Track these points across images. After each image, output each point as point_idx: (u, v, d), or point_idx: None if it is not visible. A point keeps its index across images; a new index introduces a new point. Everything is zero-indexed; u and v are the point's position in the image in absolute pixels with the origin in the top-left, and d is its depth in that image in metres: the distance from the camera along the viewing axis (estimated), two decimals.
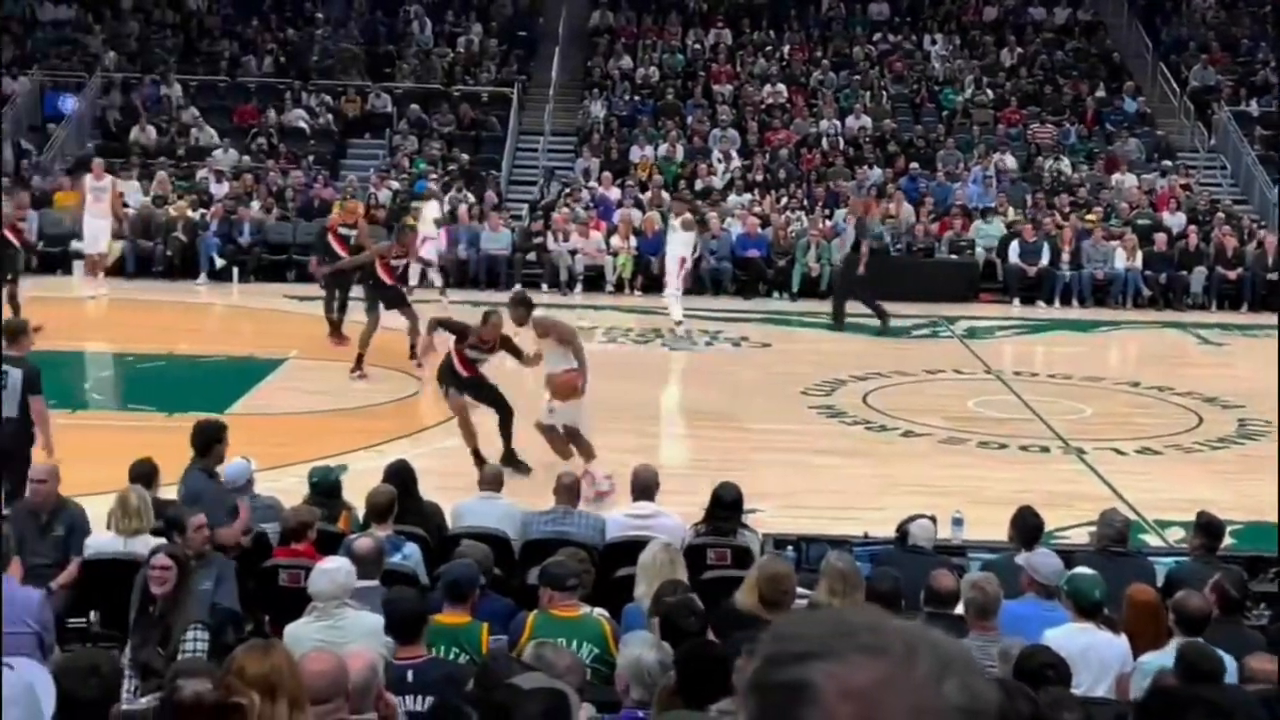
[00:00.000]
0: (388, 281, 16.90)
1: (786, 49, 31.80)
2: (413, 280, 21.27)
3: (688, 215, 20.45)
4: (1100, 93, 30.52)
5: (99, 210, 22.14)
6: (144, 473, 9.14)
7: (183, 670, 4.41)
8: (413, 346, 16.74)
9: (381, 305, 16.88)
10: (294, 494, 10.03)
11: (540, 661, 4.93)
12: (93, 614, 8.58)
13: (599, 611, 6.92)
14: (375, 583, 7.27)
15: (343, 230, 18.89)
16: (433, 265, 21.47)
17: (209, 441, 9.46)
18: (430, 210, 22.83)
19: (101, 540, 8.54)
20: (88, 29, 30.99)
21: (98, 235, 22.28)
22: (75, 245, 23.32)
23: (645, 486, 9.27)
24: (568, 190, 26.25)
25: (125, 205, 24.73)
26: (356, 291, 18.09)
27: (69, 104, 28.58)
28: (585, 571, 6.99)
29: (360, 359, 16.64)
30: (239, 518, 8.82)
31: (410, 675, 5.84)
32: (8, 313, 16.32)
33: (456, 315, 20.80)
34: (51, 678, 2.47)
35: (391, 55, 30.69)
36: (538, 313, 12.90)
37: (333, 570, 6.54)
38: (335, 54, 30.29)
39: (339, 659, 4.65)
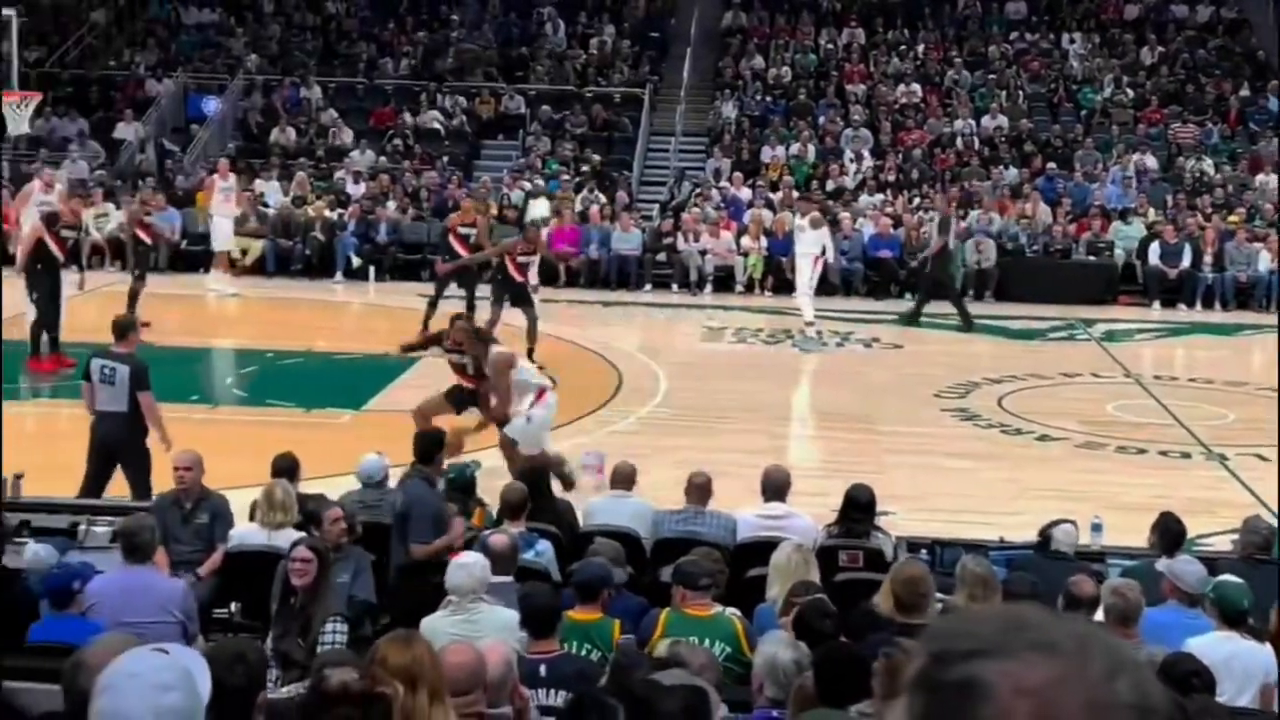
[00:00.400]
0: (517, 278, 17.02)
1: (921, 48, 31.50)
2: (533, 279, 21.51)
3: (816, 214, 20.32)
4: (1244, 92, 29.80)
5: (226, 209, 22.61)
6: (287, 467, 9.31)
7: (327, 661, 4.48)
8: (530, 350, 16.75)
9: (506, 301, 16.96)
10: None
11: (675, 658, 4.94)
12: (234, 605, 8.77)
13: (731, 611, 6.91)
14: (509, 579, 7.33)
15: (462, 230, 19.18)
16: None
17: (430, 449, 9.33)
18: (539, 209, 22.89)
19: (245, 532, 8.72)
20: (230, 32, 31.68)
21: (225, 233, 22.72)
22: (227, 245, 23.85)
23: (777, 487, 9.22)
24: (698, 190, 26.26)
25: (265, 205, 25.27)
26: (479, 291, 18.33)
27: (211, 105, 29.23)
28: (719, 571, 6.98)
29: (531, 352, 16.69)
30: (449, 533, 8.64)
31: (543, 670, 5.88)
32: (128, 309, 16.77)
33: (573, 315, 20.98)
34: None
35: (525, 57, 30.93)
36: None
37: (469, 565, 6.61)
38: (461, 55, 30.62)
39: (478, 652, 4.70)
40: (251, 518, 8.83)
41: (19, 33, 23.09)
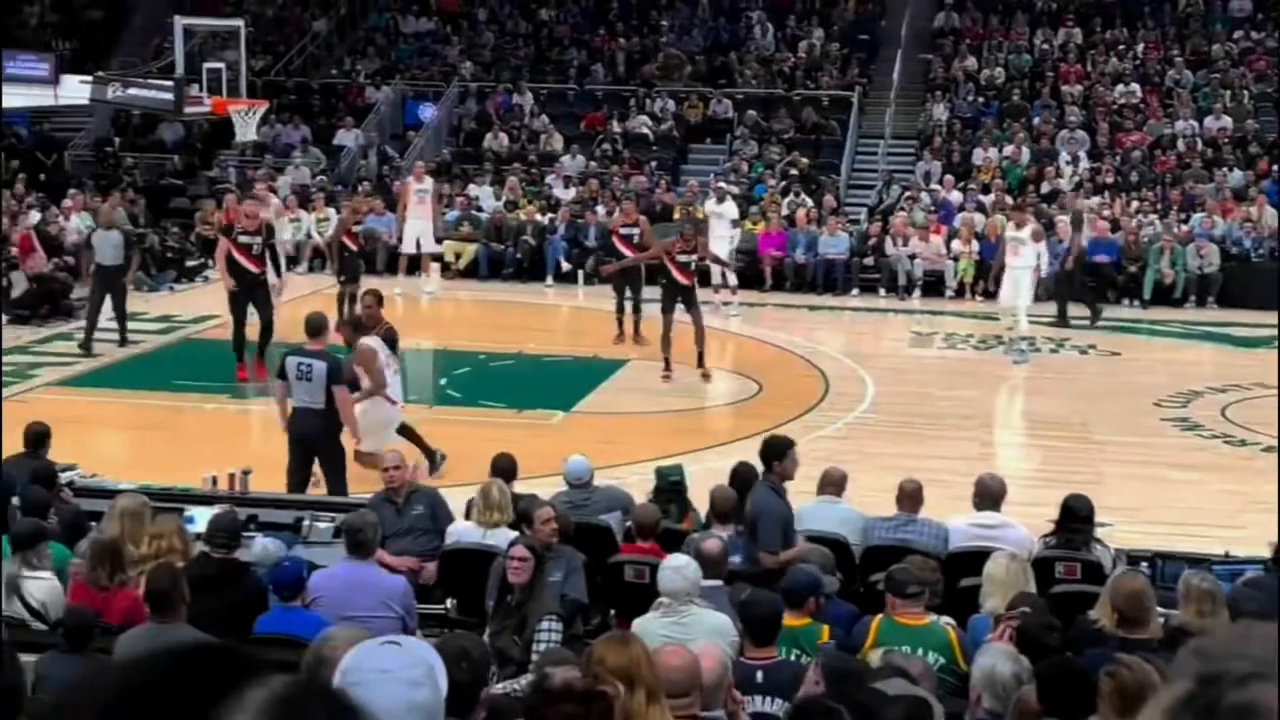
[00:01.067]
0: (681, 280, 16.79)
1: (1140, 47, 30.61)
2: (715, 279, 21.47)
3: (1038, 227, 19.74)
4: None
5: (420, 212, 23.03)
6: (506, 467, 9.47)
7: (548, 659, 4.56)
8: (700, 355, 16.66)
9: (678, 307, 16.76)
10: (635, 492, 10.23)
11: (890, 667, 4.90)
12: (450, 601, 8.95)
13: (945, 620, 6.81)
14: (719, 582, 7.34)
15: (624, 230, 19.26)
16: (728, 266, 21.42)
17: (772, 454, 9.13)
18: (729, 210, 22.78)
19: (461, 529, 8.89)
20: (446, 40, 32.38)
21: (420, 236, 23.11)
22: (429, 248, 24.35)
23: (992, 496, 9.06)
24: (908, 194, 25.95)
25: (479, 210, 25.76)
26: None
27: (428, 112, 29.93)
28: (934, 581, 6.88)
29: (701, 357, 16.74)
30: (791, 549, 8.51)
31: (760, 676, 5.88)
32: (335, 312, 17.23)
33: (779, 319, 20.87)
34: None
35: (732, 61, 30.95)
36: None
37: (683, 568, 6.63)
38: (668, 60, 30.78)
39: (693, 655, 4.72)
40: (467, 516, 9.00)
41: (245, 42, 23.93)
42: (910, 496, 9.10)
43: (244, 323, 16.22)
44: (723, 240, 21.91)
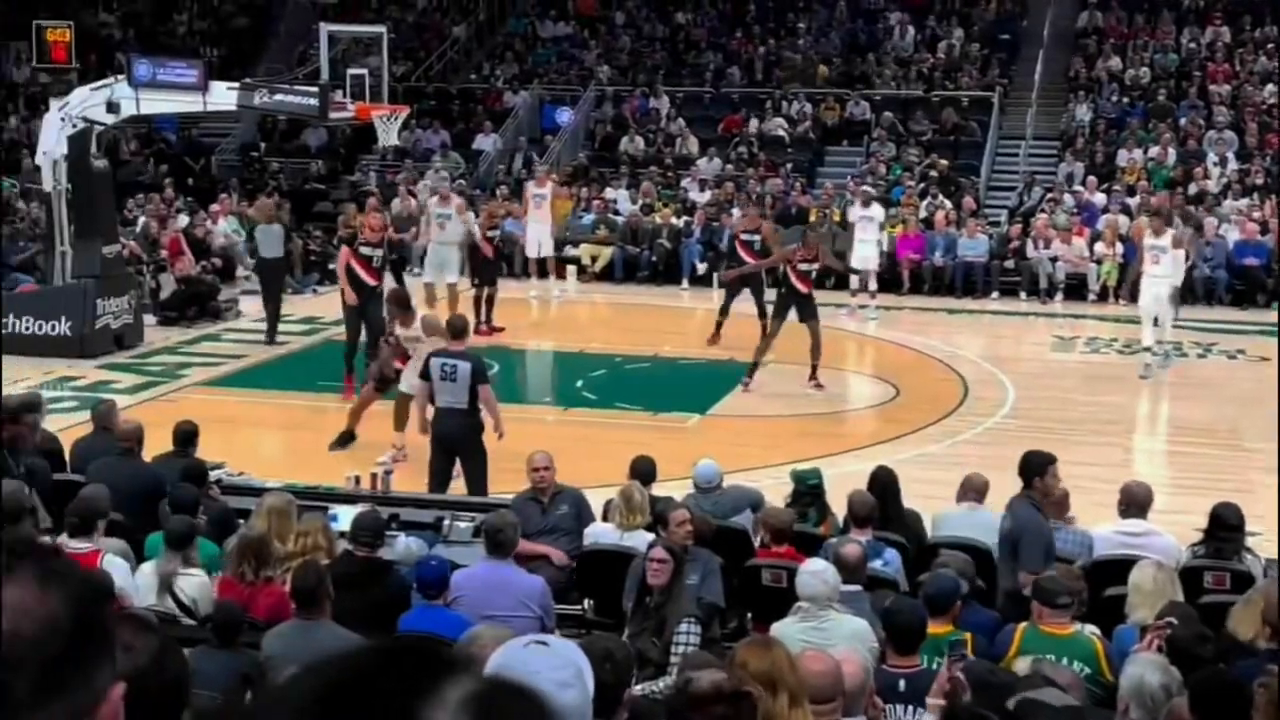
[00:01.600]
0: (800, 288, 16.45)
1: None
2: (854, 284, 21.28)
3: (1178, 233, 19.11)
4: None
5: (539, 216, 23.15)
6: (645, 470, 9.50)
7: (690, 663, 4.56)
8: (814, 367, 16.46)
9: (794, 313, 16.46)
10: (771, 496, 10.19)
11: (1039, 677, 4.82)
12: (587, 601, 9.00)
13: (1090, 629, 6.68)
14: (858, 588, 7.29)
15: (745, 236, 19.10)
16: (859, 273, 21.17)
17: (1032, 471, 8.72)
18: (876, 213, 22.41)
19: (599, 531, 8.93)
20: (584, 45, 32.59)
21: (540, 240, 23.22)
22: (567, 252, 24.53)
23: (1139, 503, 8.87)
24: (1049, 195, 25.54)
25: (616, 213, 25.87)
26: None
27: (565, 116, 30.14)
28: (1079, 590, 6.75)
29: (815, 369, 16.49)
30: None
31: (903, 684, 5.81)
32: (473, 314, 17.39)
33: (917, 323, 20.63)
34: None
35: (870, 63, 30.73)
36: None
37: (822, 572, 6.60)
38: (804, 62, 30.64)
39: (836, 660, 4.69)
40: (605, 518, 9.03)
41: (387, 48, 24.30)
42: (1056, 504, 8.95)
43: (359, 337, 15.90)
44: (870, 244, 21.69)
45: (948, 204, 25.27)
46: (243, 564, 7.33)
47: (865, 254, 21.57)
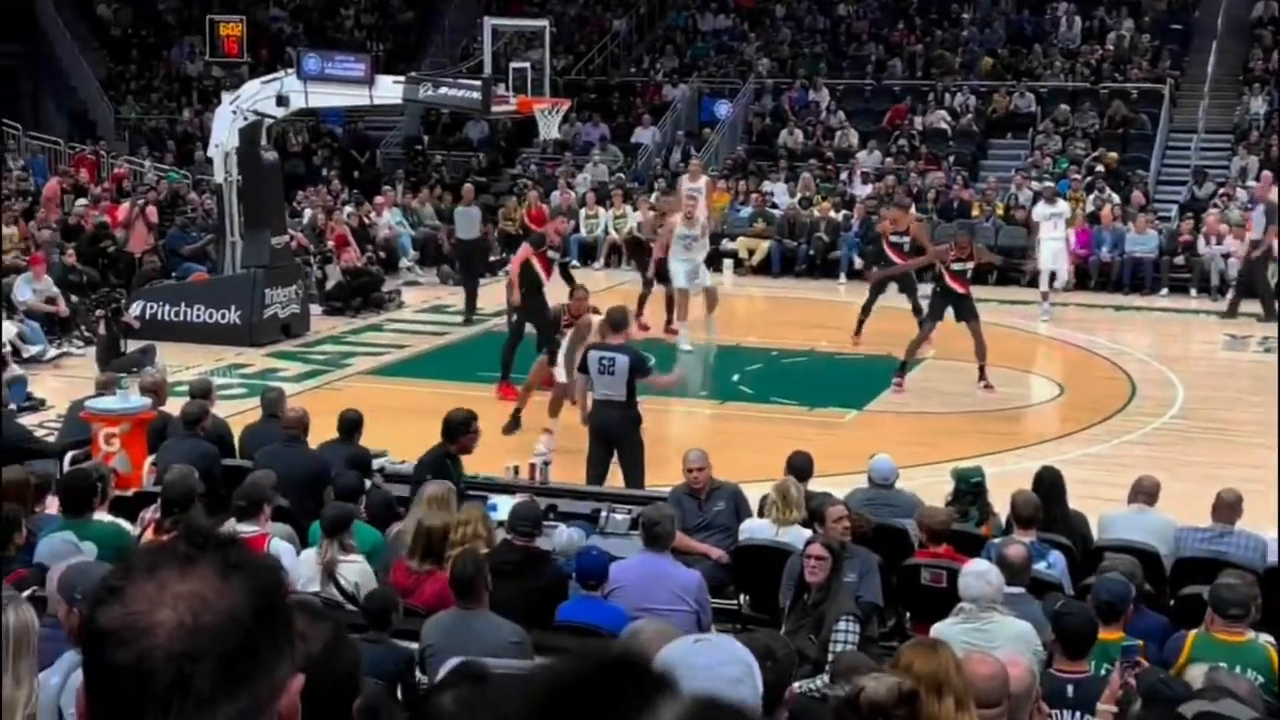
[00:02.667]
0: (956, 289, 16.08)
1: None
2: (1042, 284, 20.80)
3: None
4: None
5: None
6: (801, 465, 9.43)
7: (845, 664, 4.51)
8: (981, 369, 16.12)
9: (946, 315, 16.12)
10: (934, 496, 10.03)
11: (1217, 688, 4.66)
12: (743, 597, 8.95)
13: (1265, 638, 6.46)
14: (1022, 589, 7.13)
15: (894, 239, 18.67)
16: (1056, 274, 20.68)
17: None
18: (1063, 209, 21.84)
19: (755, 526, 8.87)
20: (743, 37, 32.48)
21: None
22: (725, 245, 24.43)
23: None
24: (1222, 190, 24.81)
25: (774, 206, 25.74)
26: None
27: (723, 109, 30.07)
28: (1253, 597, 6.52)
29: (983, 370, 16.17)
30: None
31: (1071, 690, 5.67)
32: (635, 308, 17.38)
33: (1083, 320, 20.13)
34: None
35: (1035, 54, 30.14)
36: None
37: (986, 573, 6.47)
38: (938, 62, 30.16)
39: (1002, 664, 4.58)
40: (760, 513, 8.97)
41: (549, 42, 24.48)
42: (1229, 507, 8.69)
43: (520, 339, 15.81)
44: (1057, 241, 21.12)
45: (1115, 198, 24.68)
46: (416, 551, 7.43)
47: (1054, 250, 21.01)
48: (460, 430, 9.64)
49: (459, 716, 2.54)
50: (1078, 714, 5.56)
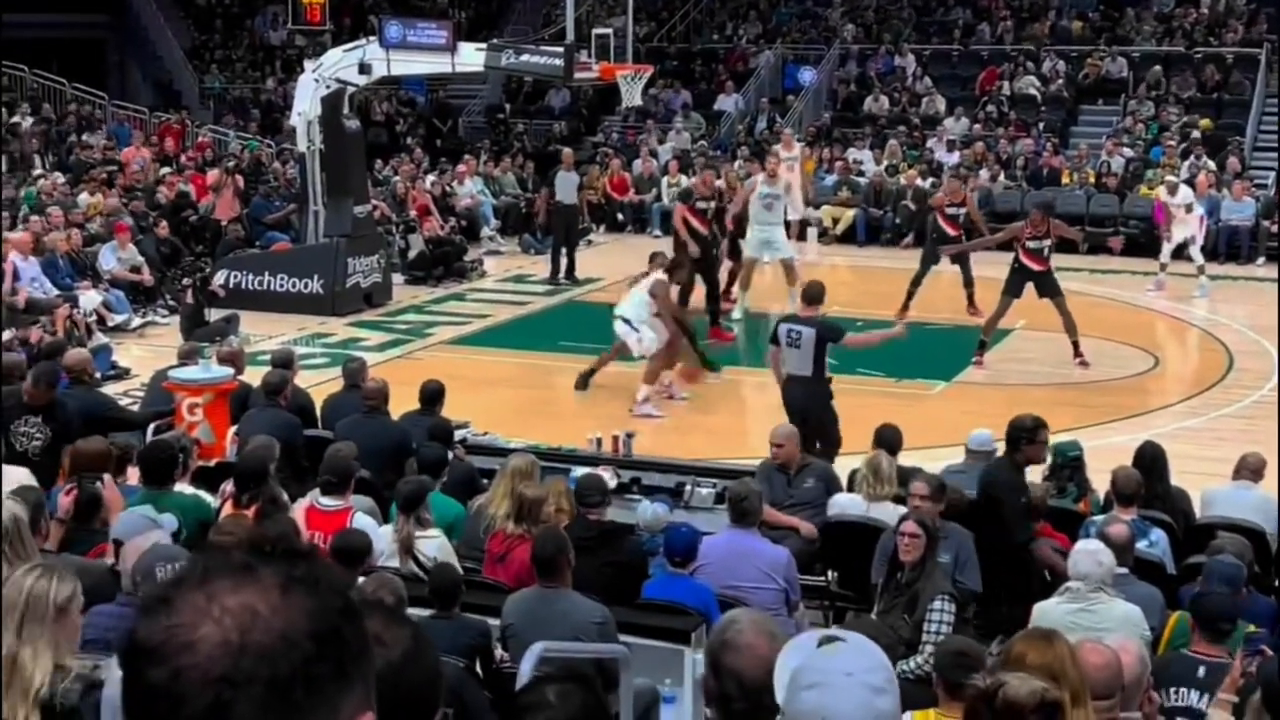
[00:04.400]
0: (1034, 267, 15.61)
1: None
2: (1163, 257, 20.18)
3: None
4: None
5: (790, 179, 22.57)
6: (891, 439, 9.19)
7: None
8: (1075, 345, 15.67)
9: (1033, 290, 15.66)
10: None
11: None
12: (831, 573, 8.74)
13: None
14: (1125, 570, 6.87)
15: (950, 210, 18.27)
16: (1187, 241, 20.07)
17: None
18: (1184, 197, 20.94)
19: (845, 501, 8.64)
20: (827, 3, 32.04)
21: (789, 204, 22.64)
22: (807, 214, 24.08)
23: None
24: None
25: (860, 174, 25.37)
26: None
27: (807, 76, 29.68)
28: None
29: (1076, 346, 15.74)
30: None
31: (1202, 671, 5.45)
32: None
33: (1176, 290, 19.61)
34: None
35: (1129, 18, 29.48)
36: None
37: (1098, 553, 6.22)
38: (1061, 16, 29.55)
39: (1114, 652, 4.35)
40: (851, 487, 8.74)
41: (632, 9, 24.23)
42: None
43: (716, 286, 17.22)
44: (1188, 225, 20.29)
45: (1210, 165, 24.08)
46: (518, 518, 7.33)
47: (1184, 235, 20.27)
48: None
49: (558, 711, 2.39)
50: (1206, 697, 5.33)
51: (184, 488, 7.90)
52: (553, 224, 21.59)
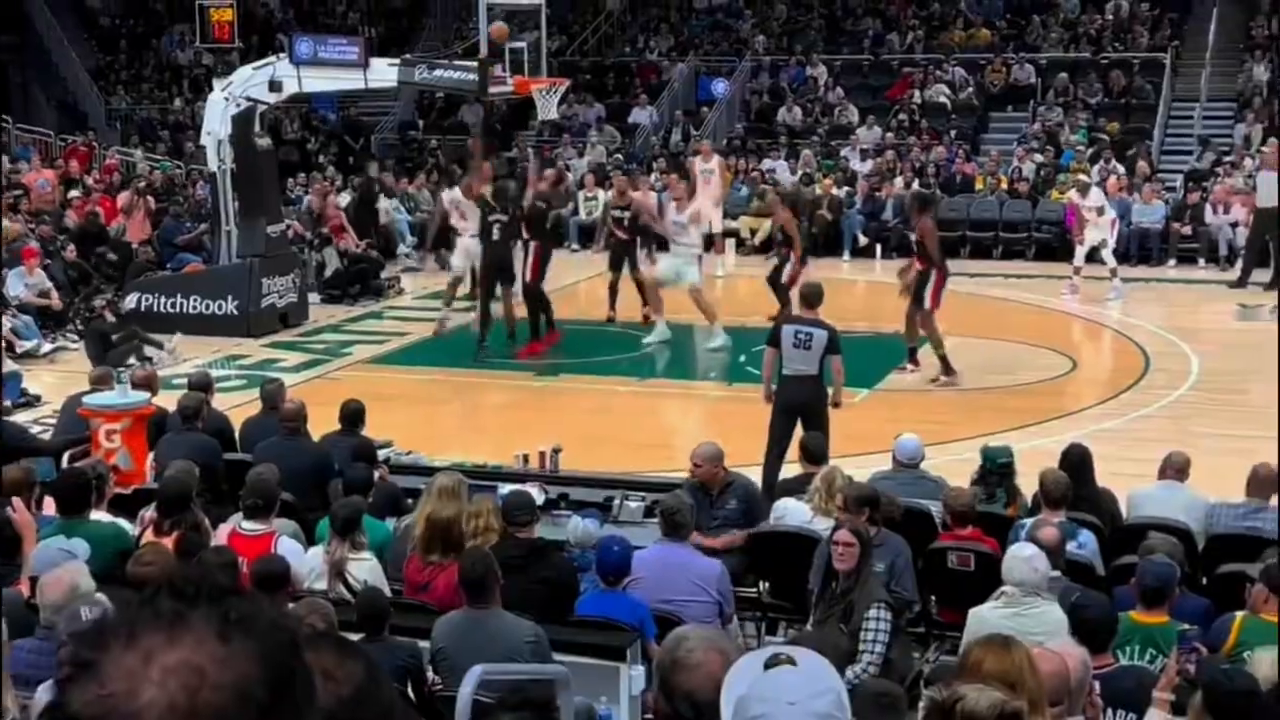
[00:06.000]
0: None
1: None
2: (1077, 261, 20.35)
3: None
4: None
5: (705, 191, 22.56)
6: (816, 448, 9.16)
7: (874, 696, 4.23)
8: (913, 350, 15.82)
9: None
10: (951, 474, 9.76)
11: None
12: (763, 584, 8.67)
13: None
14: (1057, 573, 6.86)
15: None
16: (1099, 244, 20.22)
17: None
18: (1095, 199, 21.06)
19: (789, 508, 8.52)
20: (738, 14, 32.14)
21: (710, 216, 22.63)
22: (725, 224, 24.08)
23: None
24: (1228, 158, 24.52)
25: (773, 184, 25.41)
26: None
27: (720, 88, 29.73)
28: None
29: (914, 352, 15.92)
30: None
31: (1096, 686, 5.40)
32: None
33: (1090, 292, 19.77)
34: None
35: (1035, 24, 29.80)
36: None
37: (1033, 558, 6.20)
38: (969, 25, 29.83)
39: (1061, 657, 4.32)
40: (807, 500, 8.60)
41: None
42: (1263, 482, 8.43)
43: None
44: (1100, 228, 20.27)
45: (1120, 169, 24.39)
46: (431, 546, 7.15)
47: (1096, 238, 20.33)
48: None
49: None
50: (1108, 710, 5.27)
51: (101, 516, 7.70)
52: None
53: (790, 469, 10.23)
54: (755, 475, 10.33)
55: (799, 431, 10.60)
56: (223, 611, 1.22)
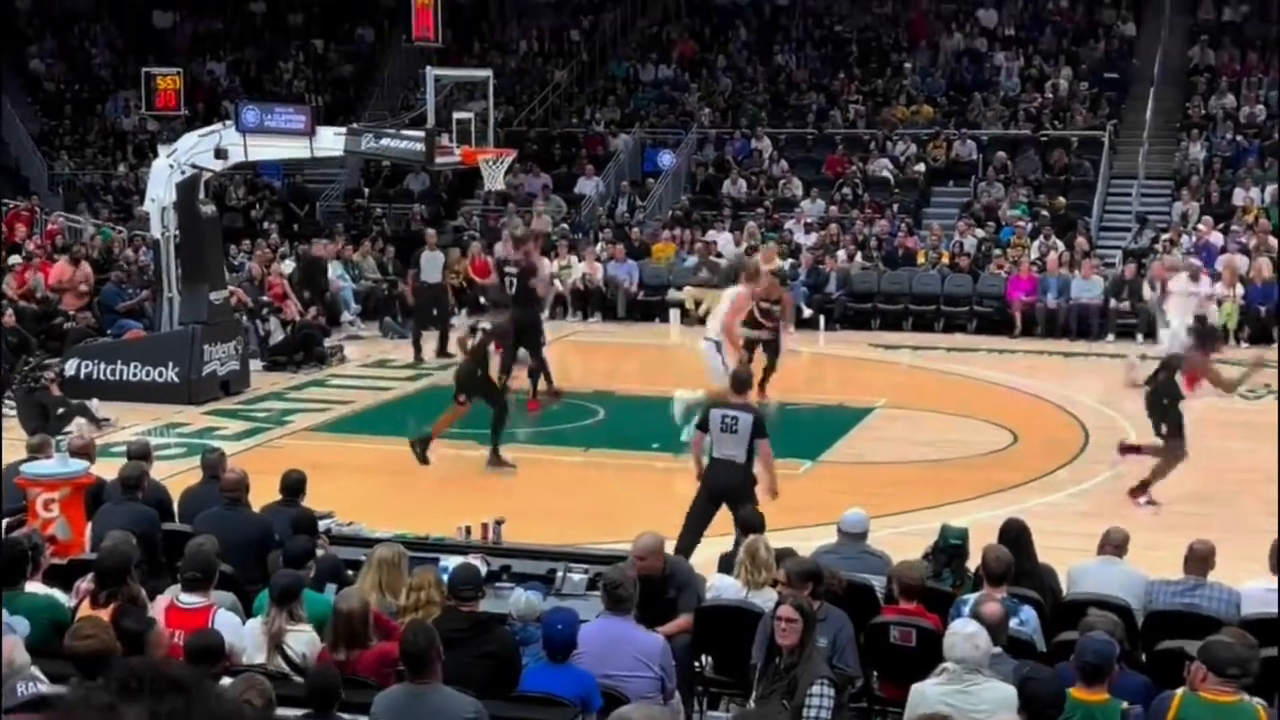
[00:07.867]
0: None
1: None
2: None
3: None
4: None
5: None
6: (753, 522, 9.16)
7: None
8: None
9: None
10: (893, 547, 9.77)
11: None
12: (705, 659, 8.63)
13: (1257, 701, 6.21)
14: (999, 649, 6.88)
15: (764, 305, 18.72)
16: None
17: None
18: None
19: (723, 584, 8.54)
20: (684, 88, 32.43)
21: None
22: (671, 295, 24.27)
23: None
24: (1166, 236, 24.91)
25: (718, 255, 25.58)
26: None
27: (666, 159, 29.96)
28: (1252, 659, 6.26)
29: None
30: None
31: None
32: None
33: (1030, 367, 19.99)
34: None
35: (976, 102, 30.26)
36: None
37: (975, 636, 6.21)
38: (911, 101, 30.23)
39: None
40: (735, 574, 8.60)
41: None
42: (1200, 559, 8.48)
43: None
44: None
45: (1060, 245, 24.72)
46: (337, 643, 6.98)
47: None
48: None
49: None
50: None
51: (36, 587, 7.58)
52: (418, 304, 21.55)
53: (726, 542, 10.16)
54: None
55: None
56: (153, 706, 1.20)
